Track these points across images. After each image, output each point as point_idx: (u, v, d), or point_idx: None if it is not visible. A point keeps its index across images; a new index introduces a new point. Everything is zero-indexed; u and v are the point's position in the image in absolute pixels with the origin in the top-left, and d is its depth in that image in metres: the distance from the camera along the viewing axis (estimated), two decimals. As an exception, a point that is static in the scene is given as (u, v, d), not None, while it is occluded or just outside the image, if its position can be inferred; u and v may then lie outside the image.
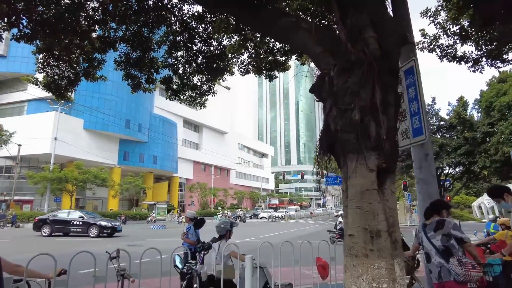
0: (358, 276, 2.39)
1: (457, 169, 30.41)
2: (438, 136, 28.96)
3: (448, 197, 30.69)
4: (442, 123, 28.78)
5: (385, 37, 2.83)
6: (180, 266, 2.56)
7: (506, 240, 6.16)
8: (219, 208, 54.67)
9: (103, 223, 19.01)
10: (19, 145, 31.07)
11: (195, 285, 2.44)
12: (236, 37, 6.60)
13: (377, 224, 2.42)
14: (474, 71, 6.32)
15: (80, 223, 19.00)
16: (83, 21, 7.01)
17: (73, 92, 7.76)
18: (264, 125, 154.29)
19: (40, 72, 7.22)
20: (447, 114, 28.81)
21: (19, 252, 11.13)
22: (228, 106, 74.05)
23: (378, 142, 2.54)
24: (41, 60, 7.04)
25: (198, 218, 5.94)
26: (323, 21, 5.81)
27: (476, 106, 29.09)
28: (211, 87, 8.06)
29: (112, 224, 19.24)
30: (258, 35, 6.64)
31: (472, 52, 6.17)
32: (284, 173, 52.95)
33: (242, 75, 8.02)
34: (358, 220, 2.46)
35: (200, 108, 8.68)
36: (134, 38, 7.56)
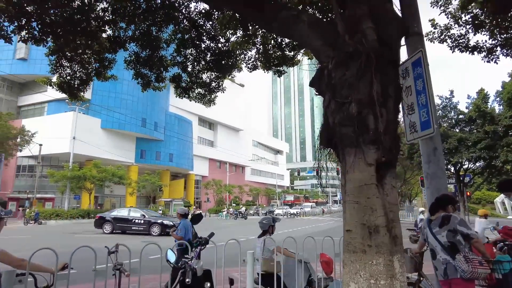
0: (356, 272, 2.35)
1: (477, 164, 29.46)
2: (457, 130, 28.11)
3: (468, 193, 29.82)
4: (461, 116, 27.90)
5: (385, 27, 2.75)
6: (171, 260, 2.58)
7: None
8: (233, 204, 55.08)
9: (165, 222, 18.66)
10: (40, 145, 32.10)
11: (187, 280, 2.45)
12: (239, 32, 6.58)
13: (375, 219, 2.36)
14: (488, 61, 6.05)
15: (142, 221, 18.79)
16: (93, 22, 7.18)
17: (85, 92, 7.89)
18: (278, 121, 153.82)
19: (53, 73, 7.40)
20: (466, 107, 27.89)
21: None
22: (242, 104, 74.19)
23: (376, 136, 2.48)
24: (54, 62, 7.21)
25: (196, 213, 6.00)
26: (328, 14, 5.71)
27: (498, 99, 28.03)
28: (220, 84, 8.08)
29: (174, 222, 18.19)
30: (262, 30, 6.60)
31: (485, 41, 5.92)
32: (299, 170, 52.76)
33: (250, 71, 7.99)
34: (356, 215, 2.42)
35: (210, 106, 8.71)
36: (143, 37, 7.65)
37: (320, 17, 5.80)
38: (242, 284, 3.62)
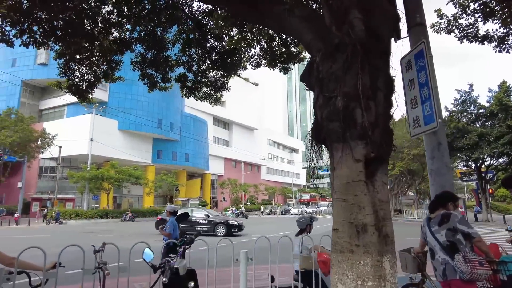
0: (343, 273, 2.26)
1: (500, 160, 28.35)
2: (478, 125, 27.14)
3: (491, 190, 28.77)
4: (481, 111, 26.92)
5: (374, 17, 2.64)
6: (147, 260, 2.55)
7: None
8: (241, 203, 55.24)
9: (230, 221, 17.86)
10: (60, 147, 33.07)
11: (163, 279, 2.42)
12: (236, 30, 6.52)
13: (363, 217, 2.26)
14: (500, 51, 5.74)
15: (206, 221, 18.06)
16: (100, 25, 7.30)
17: (93, 93, 8.04)
18: (294, 120, 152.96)
19: (62, 76, 7.56)
20: (487, 101, 26.90)
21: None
22: (257, 103, 74.17)
23: (364, 130, 2.38)
24: (63, 65, 7.37)
25: (182, 213, 6.02)
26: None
27: (521, 92, 26.85)
28: (226, 83, 8.06)
29: (238, 222, 17.81)
30: (264, 28, 6.52)
31: (496, 30, 5.62)
32: (314, 169, 52.01)
33: (254, 69, 7.93)
34: (343, 213, 2.32)
35: (216, 104, 8.70)
36: (149, 38, 7.71)
37: (316, 9, 5.65)
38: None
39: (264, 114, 76.06)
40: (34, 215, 32.68)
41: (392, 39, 4.86)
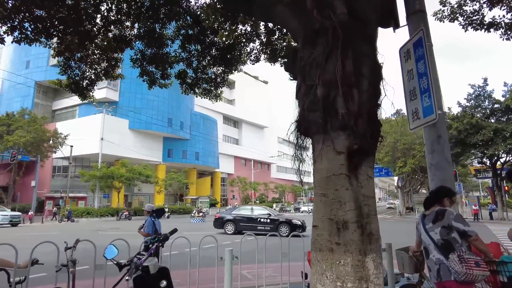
0: (322, 273, 2.11)
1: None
2: (493, 121, 26.33)
3: (507, 187, 27.91)
4: (496, 106, 26.10)
5: (359, 0, 2.46)
6: (108, 257, 2.44)
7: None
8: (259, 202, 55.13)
9: (294, 221, 16.73)
10: (71, 146, 33.61)
11: (126, 278, 2.32)
12: (229, 22, 6.38)
13: (344, 214, 2.11)
14: (508, 39, 5.41)
15: (268, 220, 17.06)
16: (99, 22, 7.28)
17: (93, 91, 8.03)
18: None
19: (62, 74, 7.57)
20: (503, 96, 26.04)
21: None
22: (267, 100, 73.89)
23: (346, 120, 2.21)
24: (62, 63, 7.37)
25: (158, 208, 5.91)
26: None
27: (539, 85, 25.92)
28: (225, 78, 7.94)
29: (301, 222, 16.59)
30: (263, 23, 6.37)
31: (503, 16, 5.30)
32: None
33: (253, 64, 7.79)
34: (323, 209, 2.17)
35: (216, 101, 8.60)
36: (148, 35, 7.65)
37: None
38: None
39: (274, 112, 75.73)
40: (49, 213, 33.29)
41: (391, 28, 4.63)
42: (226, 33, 6.38)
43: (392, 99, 2.81)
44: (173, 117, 49.33)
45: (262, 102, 70.61)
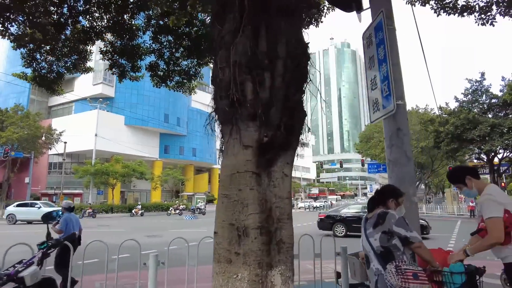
0: (219, 289, 1.79)
1: (514, 152, 27.06)
2: (490, 116, 25.89)
3: (503, 184, 27.54)
4: (494, 100, 25.66)
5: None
6: None
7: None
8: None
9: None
10: (65, 143, 33.42)
11: None
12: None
13: (246, 218, 1.79)
14: (483, 24, 5.03)
15: None
16: (67, 12, 6.96)
17: (61, 85, 7.73)
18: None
19: (27, 67, 7.26)
20: (500, 91, 25.58)
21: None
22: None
23: (255, 108, 1.89)
24: (26, 55, 7.06)
25: (47, 212, 5.60)
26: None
27: (538, 79, 25.44)
28: (199, 71, 7.62)
29: (426, 222, 14.36)
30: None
31: None
32: (321, 162, 51.47)
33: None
34: (224, 213, 1.85)
35: (191, 94, 8.28)
36: (117, 26, 7.33)
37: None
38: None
39: (273, 108, 75.27)
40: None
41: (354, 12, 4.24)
42: (175, 16, 6.03)
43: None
44: (169, 113, 49.02)
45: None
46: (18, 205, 23.97)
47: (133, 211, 29.60)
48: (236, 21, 1.94)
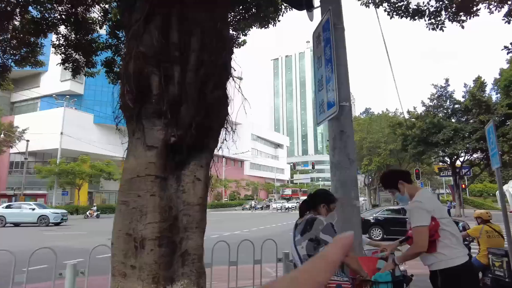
0: (114, 307, 1.59)
1: (475, 155, 28.41)
2: (453, 120, 27.05)
3: (463, 185, 28.83)
4: (457, 106, 26.83)
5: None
6: None
7: (481, 237, 5.13)
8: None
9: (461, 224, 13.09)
10: (27, 141, 31.78)
11: None
12: None
13: (143, 228, 1.60)
14: (434, 29, 5.15)
15: None
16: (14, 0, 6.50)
17: (7, 79, 7.23)
18: (280, 115, 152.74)
19: (-32, 59, 6.73)
20: (463, 97, 26.79)
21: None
22: (241, 97, 73.17)
23: (161, 105, 1.72)
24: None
25: None
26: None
27: (496, 87, 26.85)
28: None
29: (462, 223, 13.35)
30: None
31: (428, 3, 5.01)
32: (294, 164, 51.93)
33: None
34: (121, 221, 1.66)
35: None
36: (72, 19, 6.95)
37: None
38: None
39: (249, 109, 75.02)
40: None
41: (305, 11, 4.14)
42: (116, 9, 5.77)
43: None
44: (141, 112, 47.80)
45: (236, 99, 69.86)
46: (7, 207, 22.22)
47: (87, 213, 28.48)
48: (145, 10, 1.76)
